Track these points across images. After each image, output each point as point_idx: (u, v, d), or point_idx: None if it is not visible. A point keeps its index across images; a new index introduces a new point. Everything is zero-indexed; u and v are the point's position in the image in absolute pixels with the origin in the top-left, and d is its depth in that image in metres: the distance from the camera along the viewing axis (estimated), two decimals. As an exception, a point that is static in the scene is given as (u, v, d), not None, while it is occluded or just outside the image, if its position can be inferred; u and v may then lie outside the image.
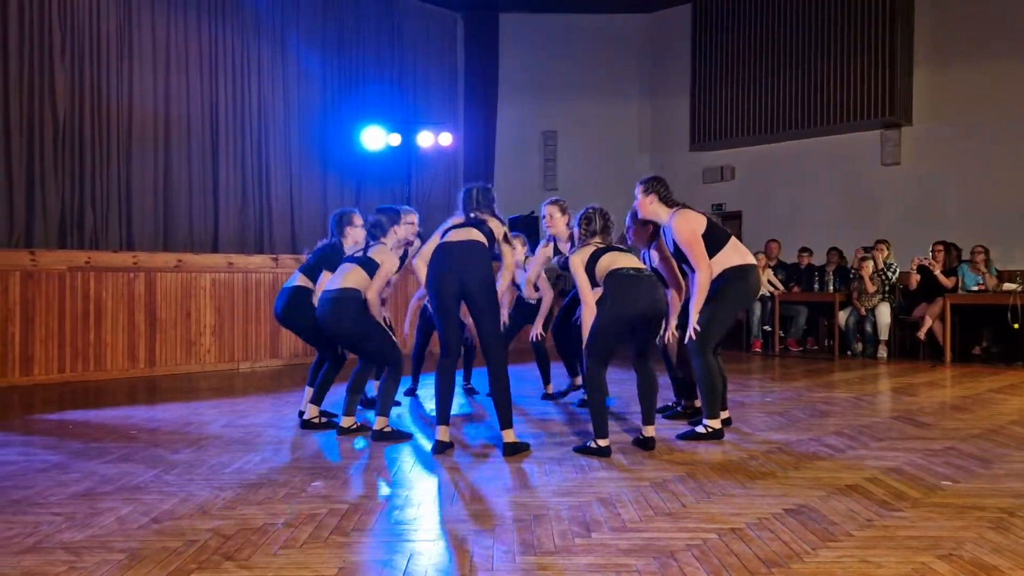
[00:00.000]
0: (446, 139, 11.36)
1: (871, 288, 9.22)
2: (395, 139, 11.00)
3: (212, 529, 2.96)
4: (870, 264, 9.23)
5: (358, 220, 5.20)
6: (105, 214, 9.00)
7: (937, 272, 8.87)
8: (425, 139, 11.25)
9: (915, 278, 9.17)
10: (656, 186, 4.71)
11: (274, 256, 8.65)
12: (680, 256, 4.63)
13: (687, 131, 12.65)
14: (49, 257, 7.07)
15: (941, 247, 9.10)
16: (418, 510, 3.23)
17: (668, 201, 4.69)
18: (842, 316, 9.51)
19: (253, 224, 10.37)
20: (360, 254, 4.75)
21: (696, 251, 4.48)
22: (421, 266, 4.34)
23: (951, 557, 2.66)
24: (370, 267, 4.62)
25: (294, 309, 5.00)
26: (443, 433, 4.25)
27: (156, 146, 9.47)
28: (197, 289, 7.88)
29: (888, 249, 9.45)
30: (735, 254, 4.60)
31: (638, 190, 4.76)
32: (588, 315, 4.23)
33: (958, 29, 10.53)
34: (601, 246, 4.33)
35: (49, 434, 4.78)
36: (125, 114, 9.19)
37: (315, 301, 4.88)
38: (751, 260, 4.67)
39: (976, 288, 8.64)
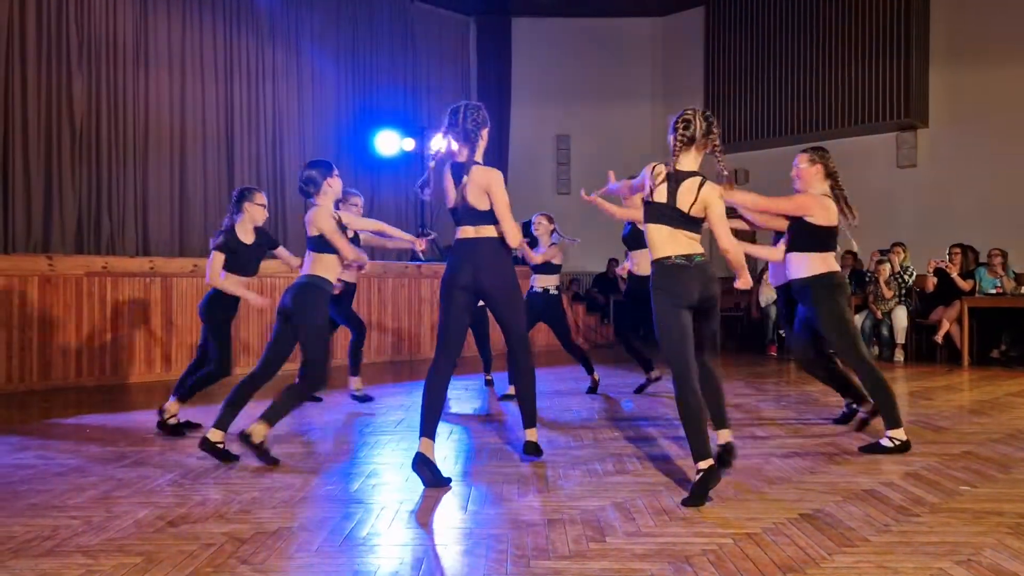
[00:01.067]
0: (459, 143, 11.36)
1: (887, 294, 9.15)
2: (409, 144, 11.03)
3: (227, 533, 2.97)
4: (887, 268, 9.17)
5: (260, 198, 4.99)
6: (122, 220, 9.08)
7: (954, 275, 8.80)
8: (439, 143, 11.26)
9: (932, 281, 9.10)
10: (824, 157, 4.52)
11: (289, 261, 8.68)
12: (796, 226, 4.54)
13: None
14: (67, 262, 7.13)
15: (958, 250, 9.04)
16: (433, 514, 3.23)
17: (832, 176, 4.53)
18: (858, 320, 9.45)
19: (268, 229, 10.40)
20: (315, 235, 4.31)
21: (789, 210, 4.49)
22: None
23: (969, 563, 2.64)
24: (319, 246, 4.29)
25: (211, 307, 4.83)
26: (425, 447, 3.68)
27: (172, 151, 9.55)
28: (212, 294, 7.92)
29: (904, 252, 9.39)
30: (828, 263, 4.52)
31: (803, 159, 4.53)
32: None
33: (974, 30, 10.46)
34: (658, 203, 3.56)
35: (66, 438, 4.81)
36: (141, 119, 9.28)
37: (214, 285, 4.73)
38: (837, 267, 4.57)
39: (994, 291, 8.57)
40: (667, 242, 3.56)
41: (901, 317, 9.07)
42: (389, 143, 10.88)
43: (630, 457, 4.19)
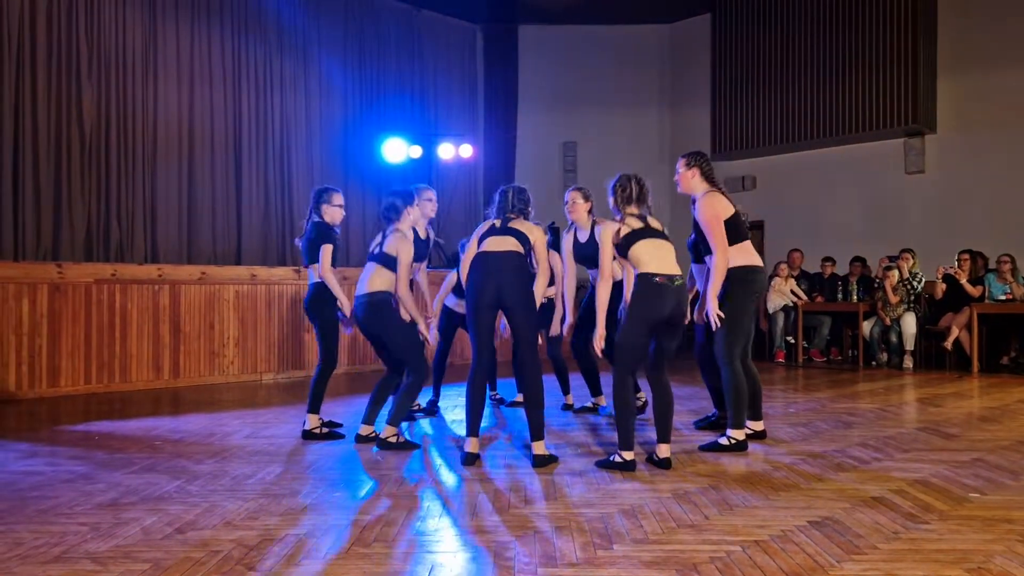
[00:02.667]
0: (467, 151, 11.41)
1: (893, 299, 9.12)
2: (416, 151, 11.05)
3: (235, 540, 2.97)
4: (895, 274, 9.13)
5: (338, 199, 5.12)
6: (130, 227, 9.12)
7: (963, 281, 8.76)
8: (446, 151, 11.30)
9: (941, 287, 9.07)
10: (700, 161, 4.69)
11: (296, 268, 8.71)
12: (702, 240, 4.62)
13: (708, 141, 12.60)
14: (76, 270, 7.17)
15: (967, 256, 9.00)
16: (439, 521, 3.23)
17: (709, 179, 4.67)
18: (866, 326, 9.42)
19: (276, 236, 10.46)
20: (377, 250, 4.75)
21: (716, 233, 4.46)
22: (464, 271, 4.36)
23: (979, 570, 2.62)
24: (389, 263, 4.65)
25: (314, 301, 4.98)
26: (473, 445, 4.23)
27: (180, 160, 9.59)
28: (221, 301, 7.94)
29: (913, 258, 9.35)
30: (743, 254, 4.59)
31: (680, 164, 4.73)
32: (604, 289, 4.22)
33: (982, 35, 10.44)
34: (638, 228, 4.18)
35: (75, 445, 4.83)
36: (150, 128, 9.32)
37: (322, 278, 4.86)
38: (757, 262, 4.65)
39: (1003, 297, 8.53)
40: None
41: (910, 324, 9.04)
42: (396, 151, 10.90)
43: (637, 464, 4.17)
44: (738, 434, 4.55)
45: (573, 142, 13.18)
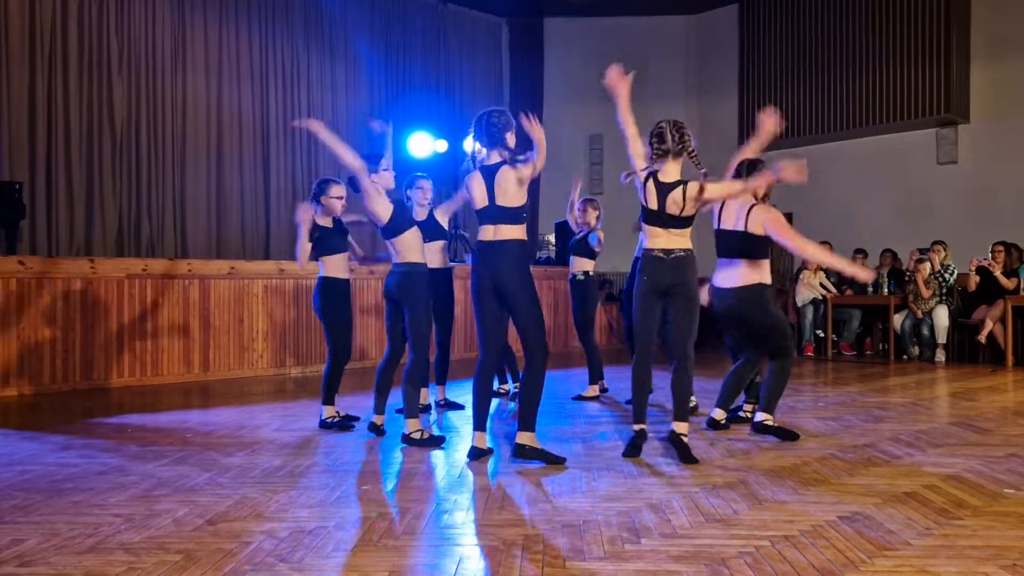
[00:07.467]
0: (492, 144, 11.37)
1: (926, 293, 8.98)
2: (442, 145, 11.07)
3: (265, 531, 3.00)
4: (926, 267, 8.99)
5: (336, 191, 5.20)
6: (160, 223, 9.24)
7: (997, 273, 8.61)
8: (472, 144, 11.28)
9: (974, 280, 8.92)
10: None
11: (324, 262, 8.76)
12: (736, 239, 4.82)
13: (735, 132, 12.48)
14: (108, 265, 7.27)
15: (1001, 247, 8.84)
16: (467, 515, 3.24)
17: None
18: (897, 319, 9.29)
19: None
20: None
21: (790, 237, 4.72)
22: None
23: (1015, 567, 2.58)
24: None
25: (320, 298, 5.15)
26: (479, 440, 4.17)
27: (209, 155, 9.70)
28: (249, 295, 8.02)
29: (945, 250, 9.21)
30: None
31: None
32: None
33: (1016, 22, 10.23)
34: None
35: (108, 437, 4.90)
36: (179, 124, 9.44)
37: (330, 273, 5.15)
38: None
39: (1039, 289, 8.37)
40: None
41: (942, 317, 8.90)
42: (422, 145, 10.92)
43: (664, 458, 4.16)
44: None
45: (599, 134, 13.13)
